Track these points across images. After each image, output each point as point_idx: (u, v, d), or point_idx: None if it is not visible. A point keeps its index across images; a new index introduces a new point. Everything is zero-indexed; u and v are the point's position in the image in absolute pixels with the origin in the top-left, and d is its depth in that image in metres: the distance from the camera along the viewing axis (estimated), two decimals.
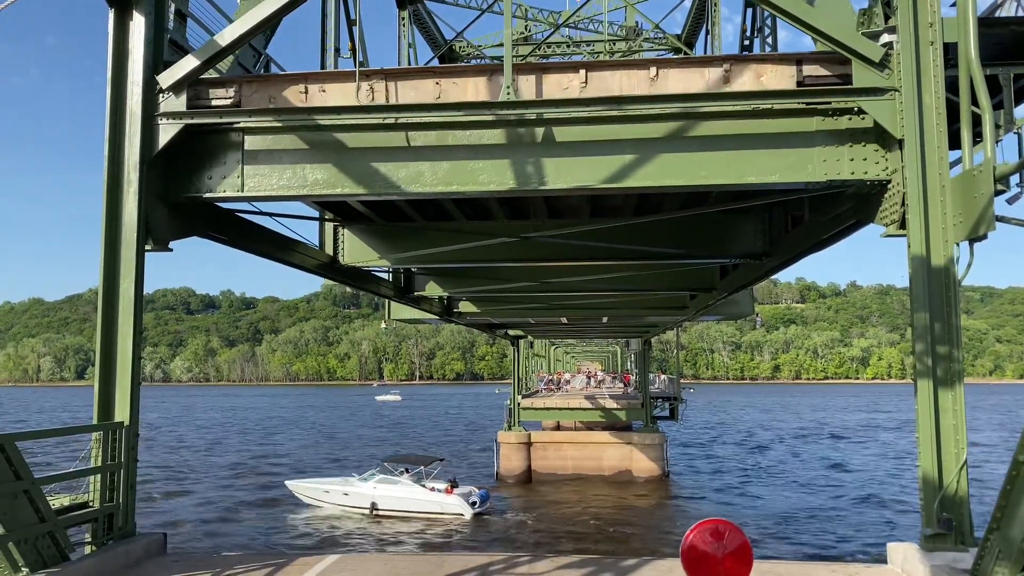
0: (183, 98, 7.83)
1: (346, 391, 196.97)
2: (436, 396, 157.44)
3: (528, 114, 7.55)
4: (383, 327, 25.30)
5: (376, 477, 30.79)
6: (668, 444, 39.74)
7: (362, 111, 7.73)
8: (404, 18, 18.06)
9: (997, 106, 7.84)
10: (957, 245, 6.95)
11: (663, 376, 55.77)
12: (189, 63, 7.75)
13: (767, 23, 13.50)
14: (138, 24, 7.81)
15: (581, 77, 7.74)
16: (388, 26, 20.75)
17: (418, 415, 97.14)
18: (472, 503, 28.96)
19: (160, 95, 7.84)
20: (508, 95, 7.51)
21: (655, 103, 7.43)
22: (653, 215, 12.44)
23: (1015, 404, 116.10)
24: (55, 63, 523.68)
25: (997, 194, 6.47)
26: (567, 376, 69.07)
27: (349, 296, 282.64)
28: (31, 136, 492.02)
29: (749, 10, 14.42)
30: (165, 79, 7.79)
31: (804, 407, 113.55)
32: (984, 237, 6.65)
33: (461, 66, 8.93)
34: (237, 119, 7.88)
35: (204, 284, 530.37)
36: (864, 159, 7.37)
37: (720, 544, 4.69)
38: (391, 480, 30.33)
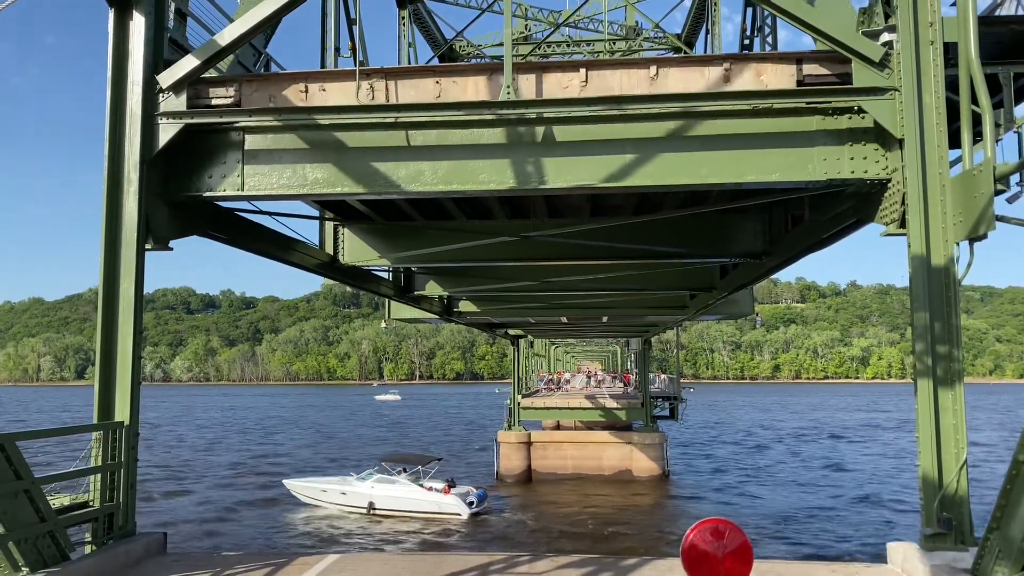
0: (183, 98, 7.84)
1: (346, 391, 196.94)
2: (436, 396, 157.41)
3: (528, 113, 7.54)
4: (383, 326, 25.28)
5: (374, 477, 30.79)
6: (668, 444, 39.76)
7: (362, 110, 7.73)
8: (404, 17, 18.05)
9: (997, 105, 7.84)
10: (957, 244, 6.95)
11: (663, 376, 55.82)
12: (189, 63, 7.75)
13: (767, 22, 13.50)
14: (138, 24, 7.81)
15: (581, 76, 7.74)
16: (388, 25, 20.76)
17: (418, 415, 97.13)
18: (469, 503, 28.96)
19: (160, 95, 7.84)
20: (508, 94, 7.51)
21: (655, 102, 7.43)
22: (653, 214, 12.44)
23: (1015, 404, 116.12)
24: (55, 62, 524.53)
25: (997, 193, 6.47)
26: (567, 376, 69.06)
27: (349, 296, 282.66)
28: (31, 136, 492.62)
29: (749, 9, 14.41)
30: (165, 79, 7.80)
31: (804, 407, 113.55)
32: (984, 237, 6.65)
33: (461, 65, 8.94)
34: (237, 119, 7.88)
35: (204, 284, 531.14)
36: (864, 158, 7.37)
37: (720, 543, 4.69)
38: (389, 480, 30.34)
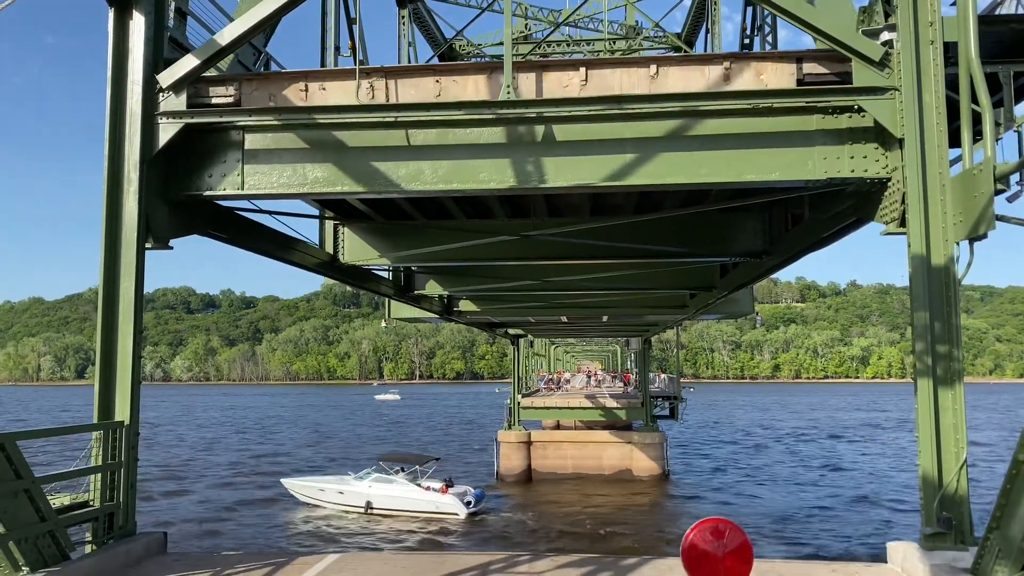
0: (183, 97, 7.83)
1: (346, 390, 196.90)
2: (436, 395, 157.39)
3: (528, 112, 7.54)
4: (383, 326, 25.30)
5: (372, 476, 30.82)
6: (668, 443, 39.76)
7: (362, 110, 7.73)
8: (404, 17, 18.04)
9: (997, 104, 7.83)
10: (957, 244, 6.94)
11: (663, 375, 55.76)
12: (189, 62, 7.75)
13: (767, 22, 13.49)
14: (138, 23, 7.80)
15: (581, 75, 7.73)
16: (388, 25, 20.74)
17: (417, 414, 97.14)
18: (467, 503, 28.96)
19: (160, 94, 7.83)
20: (508, 94, 7.50)
21: (655, 102, 7.43)
22: (653, 213, 12.43)
23: (1015, 403, 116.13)
24: (55, 62, 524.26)
25: (997, 193, 6.46)
26: (567, 375, 69.03)
27: (349, 295, 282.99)
28: (31, 135, 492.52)
29: (749, 9, 14.40)
30: (165, 78, 7.79)
31: (804, 406, 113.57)
32: (984, 236, 6.64)
33: (461, 64, 8.94)
34: (237, 118, 7.87)
35: (204, 283, 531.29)
36: (864, 157, 7.37)
37: (720, 543, 4.69)
38: (386, 479, 30.38)
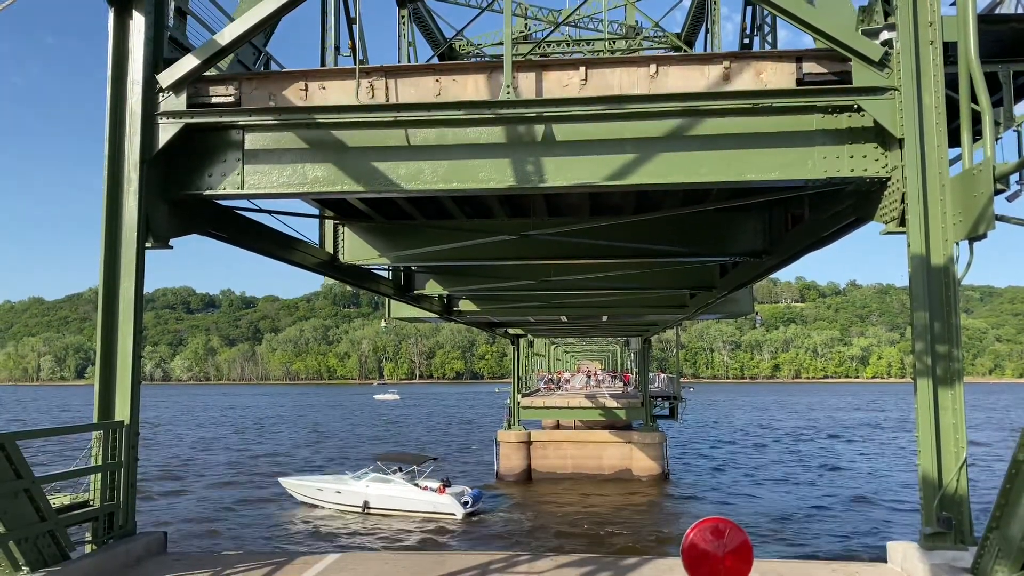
0: (183, 97, 7.83)
1: (346, 390, 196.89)
2: (435, 395, 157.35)
3: (528, 112, 7.54)
4: (383, 326, 25.31)
5: (369, 476, 30.85)
6: (668, 443, 39.76)
7: (362, 110, 7.73)
8: (404, 16, 18.03)
9: (997, 103, 7.84)
10: (957, 244, 6.94)
11: (663, 375, 55.74)
12: (189, 62, 7.74)
13: (767, 21, 13.47)
14: (138, 23, 7.80)
15: (581, 74, 7.73)
16: (388, 25, 20.74)
17: (416, 414, 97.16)
18: (464, 503, 28.96)
19: (160, 94, 7.83)
20: (508, 93, 7.50)
21: (655, 102, 7.43)
22: (653, 213, 12.42)
23: (1015, 403, 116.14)
24: (54, 61, 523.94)
25: (997, 193, 6.45)
26: (567, 375, 68.99)
27: (349, 295, 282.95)
28: (30, 135, 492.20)
29: (749, 9, 14.39)
30: (165, 78, 7.79)
31: (803, 406, 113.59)
32: (984, 236, 6.64)
33: (461, 63, 8.91)
34: (237, 118, 7.87)
35: (204, 283, 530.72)
36: (864, 156, 7.37)
37: (720, 542, 4.69)
38: (384, 479, 30.42)
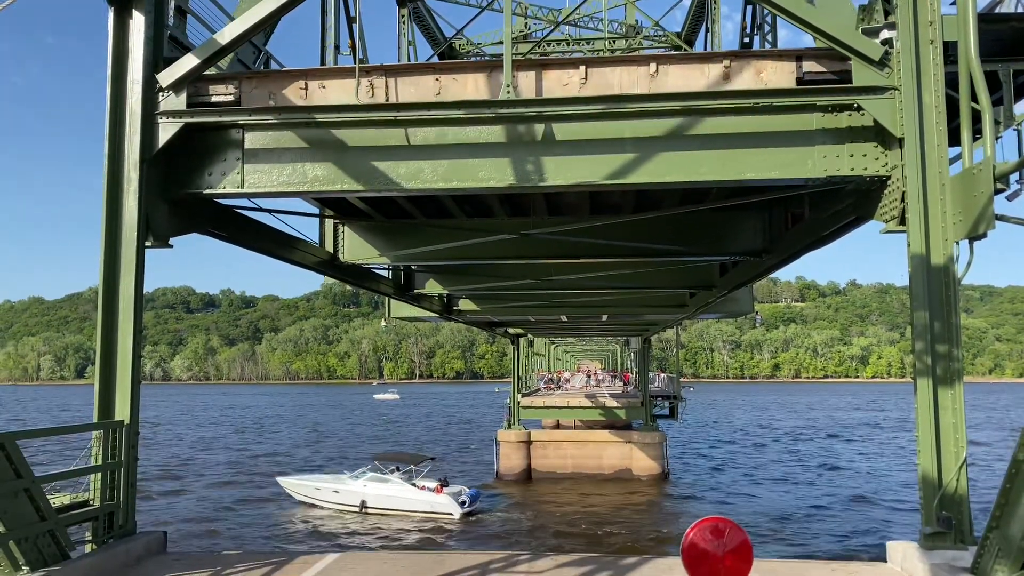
0: (183, 96, 7.83)
1: (346, 390, 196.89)
2: (435, 395, 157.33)
3: (528, 111, 7.54)
4: (383, 325, 25.31)
5: (367, 475, 30.89)
6: (668, 443, 39.77)
7: (362, 109, 7.72)
8: (404, 16, 18.02)
9: (997, 102, 7.83)
10: (957, 243, 6.93)
11: (663, 375, 55.77)
12: (189, 62, 7.74)
13: (767, 21, 13.48)
14: (138, 23, 7.80)
15: (581, 73, 7.73)
16: (388, 24, 20.74)
17: (415, 414, 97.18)
18: (461, 502, 28.97)
19: (160, 93, 7.83)
20: (508, 93, 7.50)
21: (655, 101, 7.43)
22: (653, 212, 12.41)
23: (1015, 402, 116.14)
24: (54, 61, 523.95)
25: (997, 192, 6.45)
26: (567, 375, 68.98)
27: (349, 295, 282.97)
28: (30, 135, 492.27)
29: (749, 8, 14.39)
30: (165, 78, 7.78)
31: (803, 406, 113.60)
32: (984, 236, 6.63)
33: (461, 62, 8.91)
34: (237, 117, 7.87)
35: (204, 283, 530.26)
36: (864, 155, 7.37)
37: (720, 542, 4.69)
38: (381, 478, 30.46)
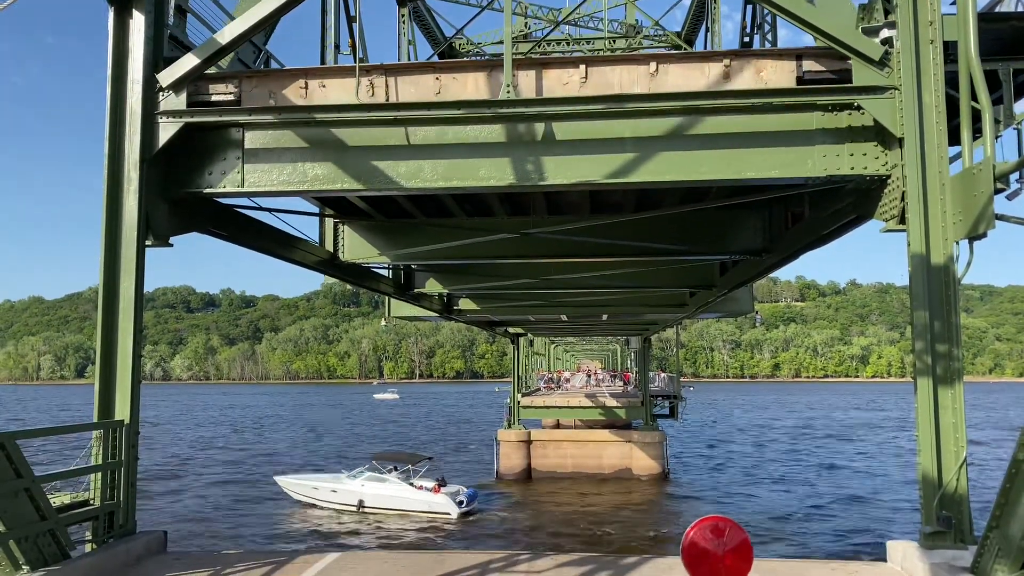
0: (183, 96, 7.83)
1: (346, 389, 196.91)
2: (435, 395, 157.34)
3: (528, 111, 7.54)
4: (383, 325, 25.36)
5: (365, 475, 30.91)
6: (668, 442, 39.78)
7: (362, 108, 7.72)
8: (404, 15, 18.01)
9: (997, 101, 7.83)
10: (957, 243, 6.93)
11: (663, 374, 55.80)
12: (189, 62, 7.74)
13: (767, 20, 13.48)
14: (138, 22, 7.80)
15: (581, 72, 7.72)
16: (388, 24, 20.74)
17: (415, 413, 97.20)
18: (459, 502, 28.98)
19: (160, 93, 7.83)
20: (508, 92, 7.50)
21: (655, 101, 7.43)
22: (653, 211, 12.41)
23: (1015, 402, 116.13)
24: (54, 61, 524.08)
25: (997, 192, 6.45)
26: (567, 374, 68.99)
27: (349, 294, 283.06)
28: (30, 135, 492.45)
29: (749, 7, 14.39)
30: (165, 78, 7.78)
31: (803, 405, 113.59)
32: (984, 235, 6.63)
33: (461, 61, 8.90)
34: (237, 116, 7.87)
35: (204, 282, 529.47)
36: (864, 155, 7.38)
37: (720, 541, 4.69)
38: (379, 478, 30.47)
